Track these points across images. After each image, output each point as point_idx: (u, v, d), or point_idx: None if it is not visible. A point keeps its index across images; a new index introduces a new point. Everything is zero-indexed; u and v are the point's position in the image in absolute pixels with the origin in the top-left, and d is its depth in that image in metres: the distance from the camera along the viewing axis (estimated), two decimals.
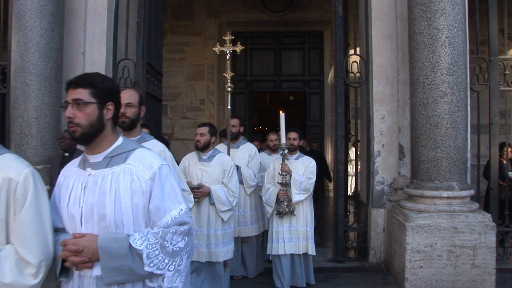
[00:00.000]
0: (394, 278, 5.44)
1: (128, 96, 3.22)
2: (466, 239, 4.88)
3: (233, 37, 6.17)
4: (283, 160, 5.08)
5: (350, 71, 6.26)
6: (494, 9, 5.98)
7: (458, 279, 4.86)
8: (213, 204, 4.67)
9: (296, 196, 5.06)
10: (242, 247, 5.75)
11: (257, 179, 5.64)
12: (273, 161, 5.47)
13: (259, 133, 11.49)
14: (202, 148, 4.85)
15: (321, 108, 12.39)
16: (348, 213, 6.58)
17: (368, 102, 6.21)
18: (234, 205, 4.76)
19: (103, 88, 1.98)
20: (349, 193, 8.53)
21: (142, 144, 2.50)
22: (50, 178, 5.07)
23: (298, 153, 5.40)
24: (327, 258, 6.29)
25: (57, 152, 5.44)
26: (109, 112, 2.01)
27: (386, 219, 5.94)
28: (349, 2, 7.27)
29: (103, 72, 5.91)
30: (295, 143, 5.30)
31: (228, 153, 5.39)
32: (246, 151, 5.78)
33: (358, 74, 6.24)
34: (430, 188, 5.14)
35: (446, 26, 5.10)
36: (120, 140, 2.09)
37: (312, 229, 5.23)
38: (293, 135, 5.32)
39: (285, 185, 5.07)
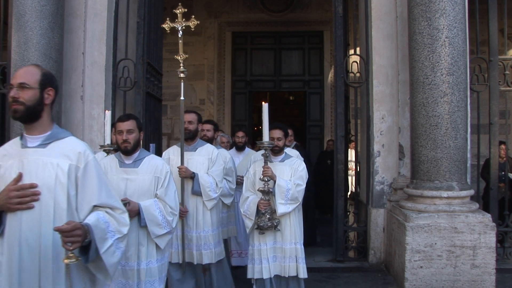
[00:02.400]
0: (394, 278, 5.44)
1: (23, 74, 2.32)
2: (466, 239, 4.88)
3: (185, 10, 5.07)
4: (265, 163, 4.23)
5: (350, 71, 6.26)
6: (494, 9, 5.98)
7: (458, 279, 4.87)
8: (144, 226, 3.44)
9: (281, 207, 4.20)
10: (203, 279, 4.73)
11: (219, 190, 4.63)
12: (254, 164, 4.66)
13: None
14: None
15: (321, 108, 12.37)
16: (348, 213, 6.58)
17: (368, 102, 6.21)
18: (174, 225, 3.56)
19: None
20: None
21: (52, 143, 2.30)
22: None
23: (284, 154, 4.53)
24: (327, 258, 6.29)
25: None
26: None
27: (386, 219, 5.94)
28: (349, 2, 7.27)
29: (103, 72, 5.96)
30: (280, 143, 4.43)
31: (181, 157, 4.51)
32: (205, 154, 4.71)
33: (358, 74, 6.24)
34: (430, 188, 5.14)
35: (446, 26, 5.10)
36: None
37: (302, 247, 4.37)
38: (277, 133, 4.42)
39: (267, 193, 4.20)
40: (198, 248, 4.56)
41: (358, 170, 6.81)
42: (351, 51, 6.64)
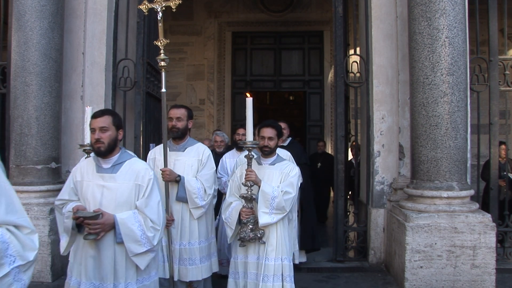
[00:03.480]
0: (394, 278, 5.44)
1: None
2: (466, 239, 4.88)
3: None
4: (248, 165, 3.74)
5: (350, 71, 6.25)
6: (494, 9, 5.98)
7: (458, 279, 4.87)
8: (120, 243, 2.99)
9: (264, 217, 3.70)
10: None
11: (209, 197, 4.17)
12: (240, 166, 4.12)
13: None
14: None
15: (321, 108, 12.37)
16: (348, 213, 6.58)
17: (368, 102, 6.21)
18: (155, 243, 3.04)
19: None
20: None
21: None
22: None
23: (275, 156, 4.04)
24: (327, 258, 6.29)
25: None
26: None
27: (386, 219, 5.94)
28: (349, 2, 7.27)
29: (103, 72, 5.96)
30: (271, 144, 3.94)
31: (165, 158, 4.06)
32: (195, 155, 4.22)
33: (358, 74, 6.24)
34: (430, 188, 5.14)
35: (446, 26, 5.10)
36: None
37: (291, 263, 3.85)
38: (269, 132, 3.96)
39: (250, 200, 3.75)
40: (183, 262, 4.10)
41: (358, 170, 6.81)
42: (351, 51, 6.63)
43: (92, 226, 2.90)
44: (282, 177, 3.91)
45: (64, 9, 5.73)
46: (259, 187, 3.75)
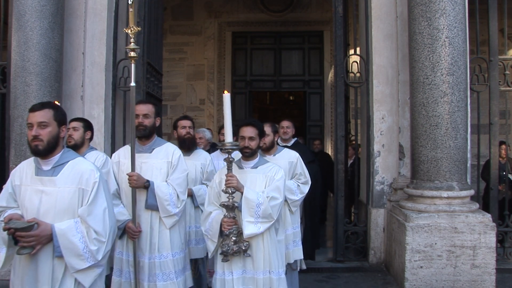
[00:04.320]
0: (394, 278, 5.43)
1: None
2: (466, 239, 4.88)
3: None
4: (228, 170, 3.36)
5: (350, 71, 6.26)
6: (494, 9, 5.98)
7: (458, 279, 4.87)
8: (60, 257, 2.56)
9: (249, 227, 3.33)
10: None
11: (182, 203, 3.76)
12: (219, 171, 3.76)
13: None
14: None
15: (321, 108, 12.37)
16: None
17: (368, 102, 6.21)
18: (99, 257, 2.60)
19: None
20: None
21: None
22: None
23: (257, 159, 3.65)
24: (327, 258, 6.29)
25: None
26: None
27: (386, 219, 5.94)
28: (349, 2, 7.26)
29: (103, 72, 5.95)
30: (252, 144, 3.55)
31: (132, 161, 3.61)
32: (164, 156, 3.79)
33: (358, 74, 6.24)
34: (430, 188, 5.14)
35: (446, 26, 5.10)
36: None
37: (282, 276, 3.49)
38: (249, 131, 3.57)
39: (232, 209, 3.36)
40: (152, 278, 3.63)
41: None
42: (351, 51, 6.63)
43: (26, 238, 2.48)
44: (266, 181, 3.53)
45: (64, 9, 5.72)
46: (242, 193, 3.37)
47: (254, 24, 12.10)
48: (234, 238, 3.36)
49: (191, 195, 4.53)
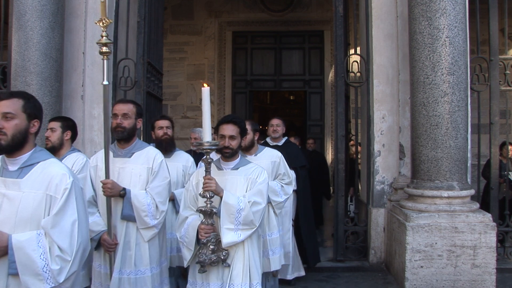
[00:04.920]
0: (394, 278, 5.44)
1: None
2: (466, 239, 4.88)
3: None
4: (206, 171, 3.09)
5: (350, 70, 6.25)
6: (495, 8, 5.98)
7: (458, 278, 4.87)
8: (14, 274, 2.12)
9: (228, 235, 3.07)
10: None
11: (161, 214, 3.43)
12: (196, 172, 3.49)
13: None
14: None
15: (321, 107, 12.37)
16: (348, 213, 6.58)
17: (368, 101, 6.21)
18: (61, 280, 2.13)
19: None
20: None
21: None
22: None
23: (238, 159, 3.36)
24: (328, 258, 6.29)
25: None
26: None
27: (387, 218, 5.94)
28: (349, 1, 7.26)
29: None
30: (233, 144, 3.25)
31: (106, 167, 3.31)
32: (145, 162, 3.45)
33: (358, 74, 6.24)
34: (431, 187, 5.14)
35: (446, 26, 5.10)
36: None
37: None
38: (230, 130, 3.24)
39: (210, 214, 3.07)
40: None
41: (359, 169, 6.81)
42: (352, 51, 6.63)
43: None
44: (248, 184, 3.25)
45: (64, 9, 5.72)
46: (221, 197, 3.09)
47: (255, 24, 12.10)
48: (212, 247, 3.06)
49: (173, 199, 4.25)
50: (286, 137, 5.68)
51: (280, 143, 5.50)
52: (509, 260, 5.81)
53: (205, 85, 3.10)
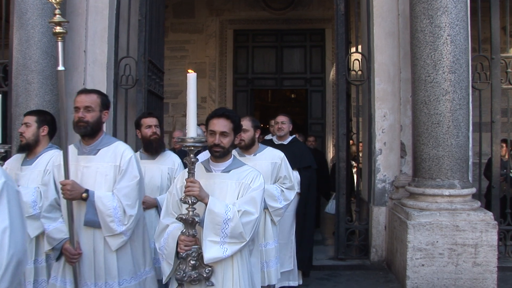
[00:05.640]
0: (396, 276, 5.44)
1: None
2: (467, 237, 4.88)
3: None
4: (189, 173, 2.64)
5: (351, 69, 6.25)
6: (496, 7, 5.96)
7: (459, 277, 4.86)
8: None
9: (212, 249, 2.61)
10: None
11: (130, 219, 3.00)
12: (181, 173, 2.99)
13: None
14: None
15: (322, 106, 12.37)
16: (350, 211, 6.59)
17: (369, 100, 6.21)
18: None
19: None
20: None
21: None
22: None
23: (230, 160, 2.90)
24: (329, 256, 6.30)
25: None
26: None
27: (388, 217, 5.94)
28: None
29: (104, 70, 5.96)
30: (225, 142, 2.78)
31: (65, 166, 2.91)
32: (112, 159, 3.05)
33: (359, 72, 6.24)
34: (432, 186, 5.14)
35: (448, 24, 5.09)
36: None
37: None
38: (221, 125, 2.78)
39: (192, 224, 2.62)
40: None
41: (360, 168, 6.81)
42: (353, 49, 6.63)
43: None
44: (240, 189, 2.79)
45: (65, 7, 5.72)
46: (206, 204, 2.63)
47: (256, 22, 12.09)
48: (193, 262, 2.62)
49: (156, 206, 3.96)
50: (294, 136, 5.40)
51: (286, 142, 5.21)
52: (511, 258, 5.81)
53: (190, 71, 2.65)
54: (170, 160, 4.19)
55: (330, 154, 11.81)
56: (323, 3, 11.69)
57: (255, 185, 2.78)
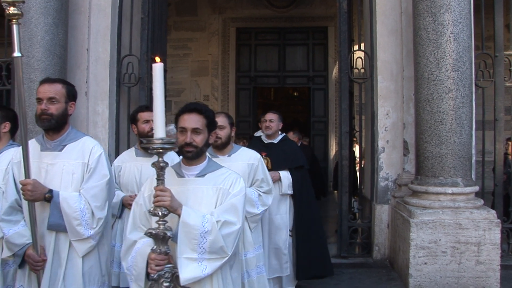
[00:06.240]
0: (398, 274, 5.43)
1: None
2: (470, 236, 4.87)
3: None
4: (158, 180, 2.27)
5: (354, 67, 6.24)
6: (500, 4, 5.94)
7: (462, 275, 4.86)
8: None
9: (189, 267, 2.27)
10: None
11: (99, 222, 2.75)
12: (149, 180, 2.54)
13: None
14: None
15: (325, 104, 12.37)
16: (352, 209, 6.58)
17: (372, 98, 6.19)
18: None
19: None
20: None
21: None
22: None
23: (205, 162, 2.53)
24: (331, 254, 6.25)
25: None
26: None
27: (390, 215, 5.93)
28: None
29: (107, 68, 5.96)
30: (198, 140, 2.41)
31: (25, 164, 2.62)
32: (79, 156, 2.78)
33: (362, 70, 6.22)
34: (435, 184, 5.13)
35: (451, 22, 5.07)
36: None
37: None
38: (193, 121, 2.42)
39: (164, 240, 2.24)
40: None
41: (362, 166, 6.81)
42: (356, 47, 6.62)
43: None
44: (218, 196, 2.44)
45: (68, 5, 5.73)
46: (179, 216, 2.28)
47: (258, 20, 12.10)
48: (166, 284, 2.25)
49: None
50: (284, 134, 5.09)
51: (276, 141, 4.91)
52: None
53: (157, 59, 2.29)
54: (168, 157, 3.74)
55: (333, 152, 11.81)
56: (326, 1, 11.68)
57: (235, 190, 2.44)
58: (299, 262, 4.72)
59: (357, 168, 7.77)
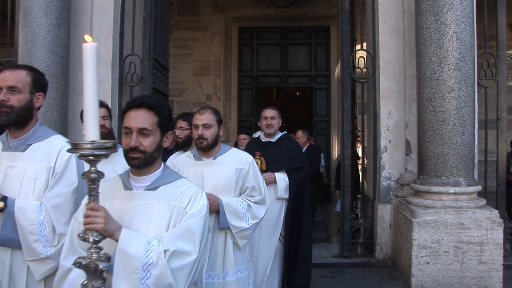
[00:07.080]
0: (401, 274, 5.43)
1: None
2: (473, 235, 4.86)
3: None
4: (90, 196, 1.73)
5: (356, 66, 6.23)
6: (503, 3, 5.92)
7: (464, 275, 4.85)
8: None
9: None
10: None
11: (60, 238, 2.23)
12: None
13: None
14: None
15: (327, 103, 12.37)
16: (355, 209, 6.58)
17: (374, 97, 6.19)
18: None
19: None
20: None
21: None
22: None
23: (159, 171, 2.02)
24: (333, 254, 6.29)
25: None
26: None
27: (393, 214, 5.93)
28: None
29: (109, 68, 5.97)
30: (146, 144, 1.90)
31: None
32: (44, 158, 2.31)
33: (364, 70, 6.22)
34: (437, 184, 5.12)
35: (453, 21, 5.06)
36: None
37: None
38: (140, 119, 1.90)
39: (95, 272, 1.69)
40: None
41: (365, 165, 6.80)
42: (358, 46, 6.61)
43: None
44: (171, 216, 1.91)
45: (70, 5, 5.74)
46: (117, 241, 1.77)
47: (260, 20, 12.10)
48: None
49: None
50: (284, 132, 4.70)
51: (274, 139, 4.55)
52: None
53: (88, 38, 1.72)
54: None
55: (335, 151, 11.80)
56: (328, 0, 11.68)
57: (193, 210, 1.91)
58: (284, 272, 4.44)
59: (360, 167, 7.75)
